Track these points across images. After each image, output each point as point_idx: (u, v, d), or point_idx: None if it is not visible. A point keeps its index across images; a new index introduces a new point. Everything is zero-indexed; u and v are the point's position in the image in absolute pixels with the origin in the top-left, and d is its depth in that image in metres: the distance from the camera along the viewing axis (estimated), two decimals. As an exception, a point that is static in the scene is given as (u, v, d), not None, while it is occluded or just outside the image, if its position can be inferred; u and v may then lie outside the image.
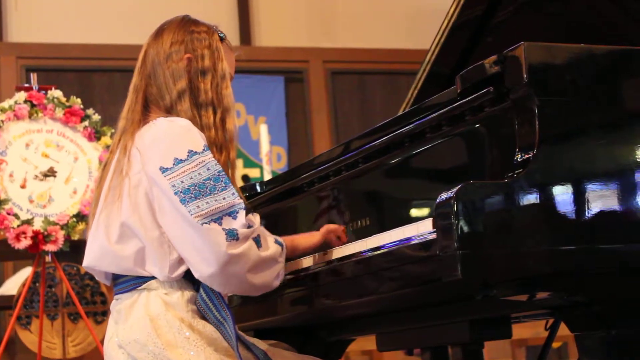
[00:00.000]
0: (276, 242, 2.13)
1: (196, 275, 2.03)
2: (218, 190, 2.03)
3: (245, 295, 2.32)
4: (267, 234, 2.14)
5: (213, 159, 2.06)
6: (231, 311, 2.08)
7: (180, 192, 2.01)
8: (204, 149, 2.06)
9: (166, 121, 2.11)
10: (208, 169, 2.04)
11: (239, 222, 2.01)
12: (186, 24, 2.24)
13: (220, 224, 1.99)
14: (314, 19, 8.22)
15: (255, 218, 2.10)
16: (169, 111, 2.16)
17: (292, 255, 2.28)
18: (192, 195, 2.01)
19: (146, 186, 2.06)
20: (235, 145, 2.19)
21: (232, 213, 2.02)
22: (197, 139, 2.07)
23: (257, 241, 2.05)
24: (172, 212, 2.02)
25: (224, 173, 2.06)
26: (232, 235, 1.99)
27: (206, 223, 1.98)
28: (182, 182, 2.02)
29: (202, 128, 2.14)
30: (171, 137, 2.08)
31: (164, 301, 2.07)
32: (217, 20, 2.34)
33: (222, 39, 2.25)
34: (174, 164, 2.04)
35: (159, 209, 2.05)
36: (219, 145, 2.15)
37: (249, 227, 2.03)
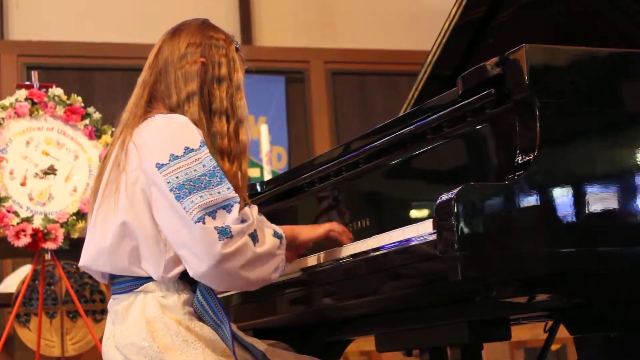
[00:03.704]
0: (275, 234, 2.09)
1: (190, 273, 2.02)
2: (213, 185, 2.01)
3: (242, 291, 2.31)
4: (266, 226, 2.10)
5: (209, 154, 2.05)
6: (227, 313, 2.07)
7: (175, 188, 2.00)
8: (200, 145, 2.05)
9: (164, 118, 2.11)
10: (204, 166, 2.03)
11: (232, 217, 1.99)
12: (205, 29, 2.23)
13: (214, 218, 1.97)
14: (314, 19, 8.22)
15: (252, 210, 2.07)
16: (174, 110, 2.15)
17: (293, 244, 2.24)
18: (187, 191, 1.99)
19: (143, 183, 2.05)
20: (247, 156, 2.18)
21: (226, 207, 2.00)
22: (193, 136, 2.06)
23: (254, 237, 2.02)
24: (167, 208, 2.01)
25: (219, 168, 2.05)
26: (225, 234, 1.97)
27: (200, 219, 1.96)
28: (177, 177, 2.00)
29: (212, 134, 2.13)
30: (168, 134, 2.06)
31: (160, 304, 2.06)
32: (217, 20, 2.33)
33: (237, 50, 2.25)
34: (169, 160, 2.02)
35: (154, 205, 2.04)
36: (231, 155, 2.13)
37: (243, 221, 2.02)
